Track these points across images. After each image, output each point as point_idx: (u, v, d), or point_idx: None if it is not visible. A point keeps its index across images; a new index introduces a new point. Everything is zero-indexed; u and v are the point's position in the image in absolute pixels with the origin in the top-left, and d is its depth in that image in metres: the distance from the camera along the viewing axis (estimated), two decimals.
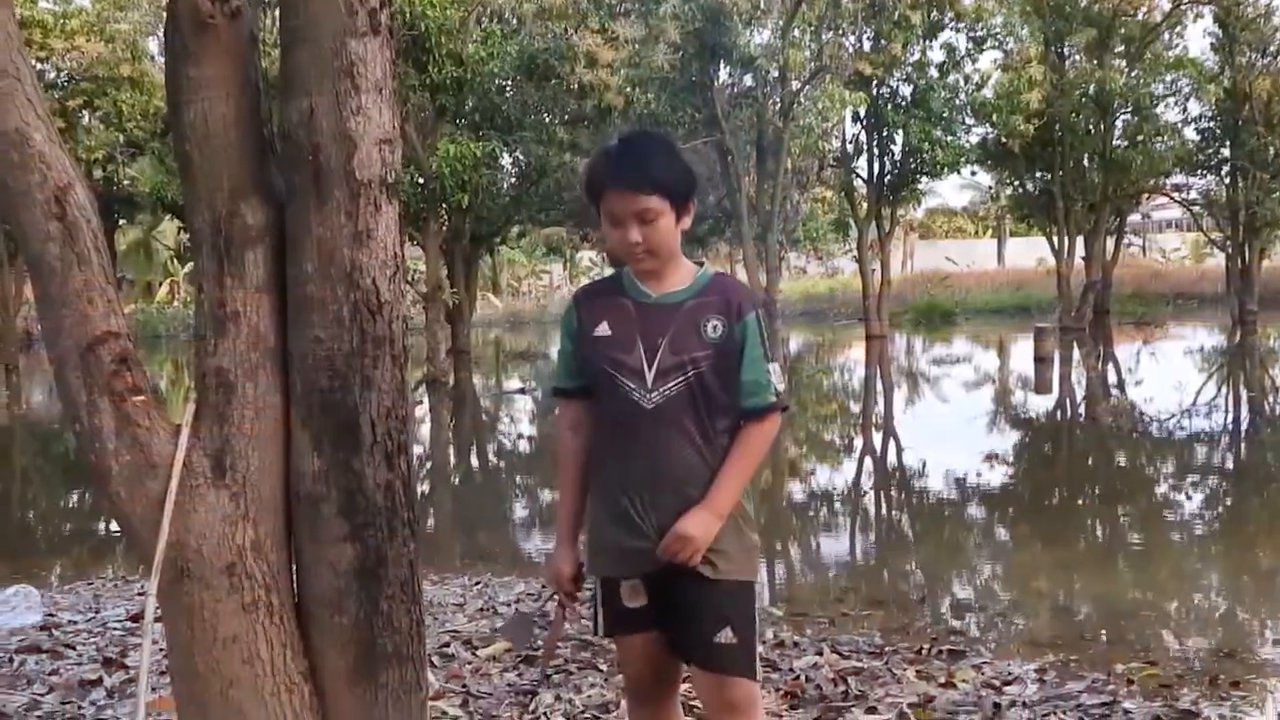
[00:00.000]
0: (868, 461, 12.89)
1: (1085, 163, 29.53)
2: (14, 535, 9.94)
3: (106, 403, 2.43)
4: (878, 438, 14.72)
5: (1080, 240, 29.83)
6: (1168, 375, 18.41)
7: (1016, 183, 31.41)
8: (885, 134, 27.25)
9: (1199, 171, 31.71)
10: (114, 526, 8.37)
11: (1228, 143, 29.79)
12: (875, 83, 25.68)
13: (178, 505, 2.44)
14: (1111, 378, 20.16)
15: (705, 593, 2.68)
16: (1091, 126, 28.77)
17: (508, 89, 22.65)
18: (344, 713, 2.55)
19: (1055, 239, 29.78)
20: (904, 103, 26.47)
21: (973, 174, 34.52)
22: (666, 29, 21.31)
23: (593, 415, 2.80)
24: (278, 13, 2.61)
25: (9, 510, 11.55)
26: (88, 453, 2.48)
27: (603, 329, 2.73)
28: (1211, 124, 30.08)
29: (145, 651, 2.62)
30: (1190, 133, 30.28)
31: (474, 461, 14.26)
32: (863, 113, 26.16)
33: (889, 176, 27.89)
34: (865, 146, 28.18)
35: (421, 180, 19.49)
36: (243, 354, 2.51)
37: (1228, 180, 30.51)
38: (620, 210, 2.64)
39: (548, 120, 23.25)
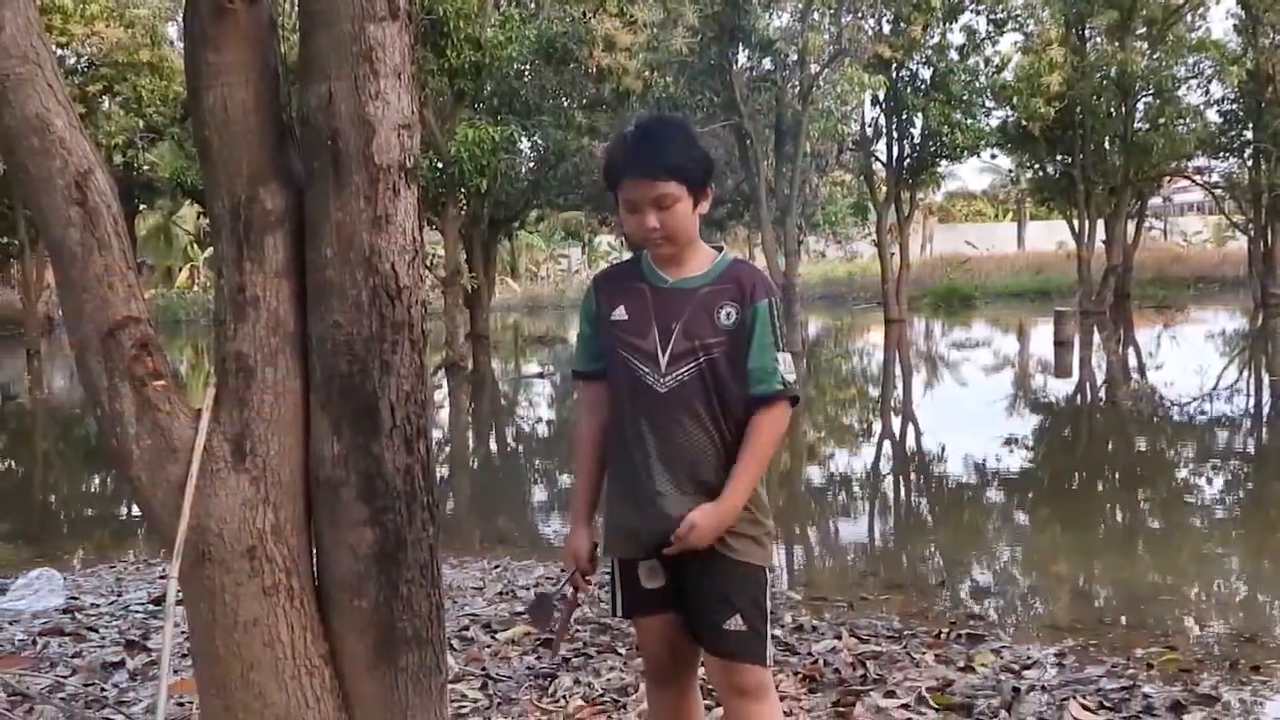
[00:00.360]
0: (887, 446, 12.87)
1: (1106, 146, 29.38)
2: (37, 519, 10.02)
3: (127, 387, 2.44)
4: (897, 422, 14.69)
5: (1101, 224, 29.68)
6: (1188, 359, 18.32)
7: (1036, 166, 31.25)
8: (904, 117, 27.15)
9: (1221, 154, 31.46)
10: (135, 510, 8.43)
11: (1250, 125, 29.57)
12: (895, 66, 25.57)
13: (198, 489, 2.45)
14: (1132, 362, 20.07)
15: (714, 577, 2.69)
16: (1113, 109, 28.59)
17: (526, 73, 22.63)
18: (364, 695, 2.57)
19: (1076, 222, 29.64)
20: (923, 86, 26.37)
21: (992, 157, 34.42)
22: (685, 12, 21.22)
23: (610, 398, 2.81)
24: None
25: (31, 494, 11.63)
26: (109, 437, 2.49)
27: (619, 313, 2.74)
28: (1234, 106, 29.86)
29: (167, 634, 2.64)
30: (1212, 115, 30.09)
31: (493, 445, 14.29)
32: (882, 96, 26.09)
33: (908, 160, 27.79)
34: (884, 130, 28.09)
35: (440, 165, 19.49)
36: (262, 339, 2.51)
37: (1250, 163, 30.31)
38: (638, 196, 2.64)
39: (566, 104, 23.24)
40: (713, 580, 2.69)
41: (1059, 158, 29.97)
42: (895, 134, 27.80)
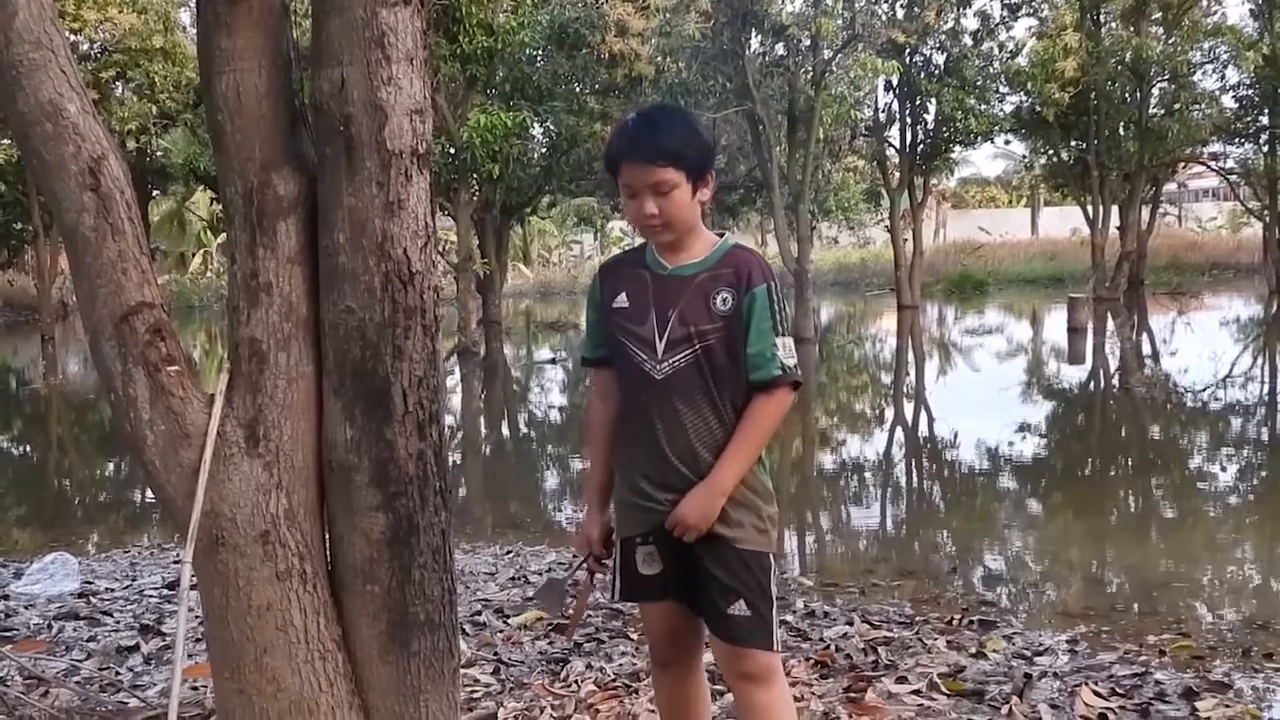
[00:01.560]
0: (899, 432, 12.86)
1: (1121, 131, 29.22)
2: (51, 504, 10.06)
3: (141, 373, 2.45)
4: (909, 408, 14.67)
5: (1115, 210, 29.55)
6: (1203, 346, 18.26)
7: (1051, 152, 31.11)
8: (918, 103, 27.06)
9: (1236, 140, 31.30)
10: (149, 495, 8.46)
11: (1266, 111, 29.39)
12: (908, 51, 25.46)
13: (212, 474, 2.46)
14: (1146, 348, 20.01)
15: (717, 564, 2.70)
16: (1127, 95, 28.44)
17: (538, 59, 22.57)
18: (377, 680, 2.58)
19: (1090, 209, 29.51)
20: (937, 71, 26.27)
21: (1006, 143, 34.32)
22: None
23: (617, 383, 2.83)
24: None
25: (47, 479, 11.68)
26: (123, 422, 2.49)
27: (620, 300, 2.76)
28: (1250, 92, 29.63)
29: (181, 619, 2.65)
30: (1228, 101, 29.89)
31: (505, 431, 14.31)
32: (895, 81, 25.95)
33: (921, 145, 27.71)
34: (898, 115, 27.98)
35: (452, 150, 19.48)
36: (275, 324, 2.51)
37: (1266, 149, 30.11)
38: (635, 182, 2.65)
39: (578, 90, 23.16)
40: (716, 567, 2.70)
41: (1073, 143, 29.84)
42: (909, 119, 27.70)
